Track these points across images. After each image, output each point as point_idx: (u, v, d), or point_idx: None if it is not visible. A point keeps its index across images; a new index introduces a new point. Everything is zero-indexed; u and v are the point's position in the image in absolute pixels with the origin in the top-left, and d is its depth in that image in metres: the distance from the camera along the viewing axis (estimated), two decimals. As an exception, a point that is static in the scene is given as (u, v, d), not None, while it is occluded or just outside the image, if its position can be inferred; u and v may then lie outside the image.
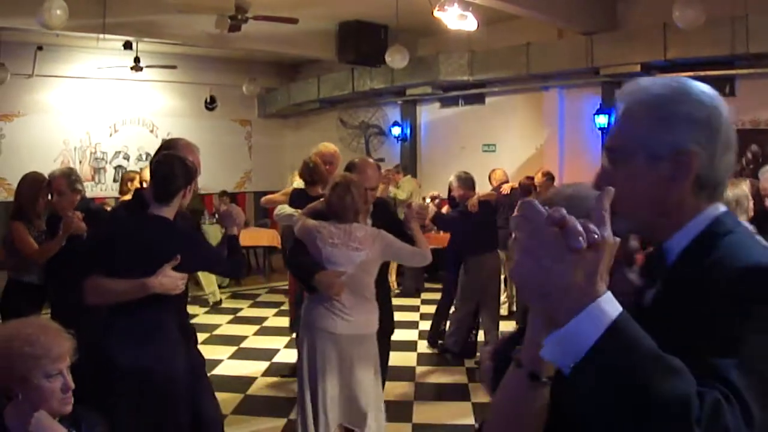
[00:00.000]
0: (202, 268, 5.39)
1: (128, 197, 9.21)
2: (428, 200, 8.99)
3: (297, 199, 7.00)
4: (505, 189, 9.98)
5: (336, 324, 5.07)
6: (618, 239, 1.24)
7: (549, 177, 10.49)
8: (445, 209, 9.22)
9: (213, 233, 11.57)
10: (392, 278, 13.90)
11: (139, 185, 9.48)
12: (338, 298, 5.04)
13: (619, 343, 1.18)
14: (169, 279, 4.17)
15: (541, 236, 1.21)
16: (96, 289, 4.17)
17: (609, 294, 1.21)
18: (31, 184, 6.38)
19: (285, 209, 6.87)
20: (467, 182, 8.84)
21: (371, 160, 6.24)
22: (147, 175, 9.51)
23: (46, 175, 6.38)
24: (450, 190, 9.00)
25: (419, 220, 5.62)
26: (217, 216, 4.75)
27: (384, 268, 5.83)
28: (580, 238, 1.17)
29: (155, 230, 4.23)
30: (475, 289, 8.65)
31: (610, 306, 1.20)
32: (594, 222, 1.22)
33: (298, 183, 7.68)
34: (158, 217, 4.24)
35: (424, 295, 12.83)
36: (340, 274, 5.05)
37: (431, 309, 9.92)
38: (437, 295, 9.87)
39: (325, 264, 5.09)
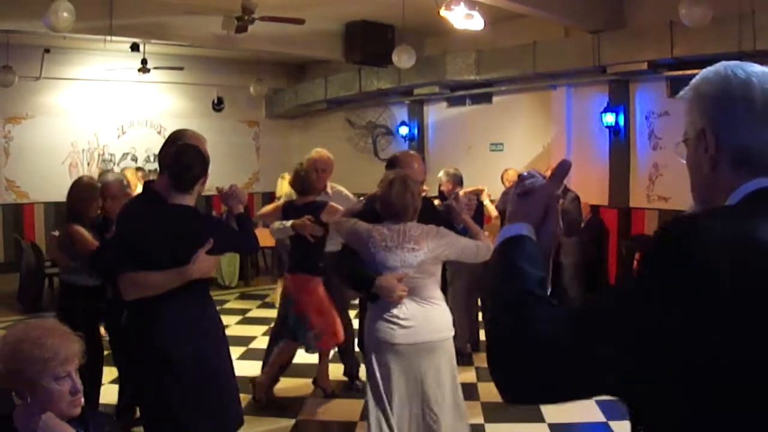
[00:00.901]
0: (230, 248, 5.27)
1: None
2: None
3: (288, 211, 6.97)
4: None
5: (395, 334, 4.71)
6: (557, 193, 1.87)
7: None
8: (436, 203, 9.23)
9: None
10: None
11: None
12: (398, 305, 4.70)
13: (507, 247, 1.76)
14: (206, 263, 4.25)
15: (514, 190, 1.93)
16: (133, 283, 4.21)
17: (524, 224, 1.79)
18: (86, 188, 6.46)
19: (275, 225, 7.02)
20: (455, 178, 9.02)
21: (414, 153, 5.97)
22: (128, 176, 9.78)
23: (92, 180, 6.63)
24: (440, 185, 9.10)
25: (469, 212, 5.26)
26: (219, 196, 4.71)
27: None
28: (518, 189, 1.88)
29: (183, 219, 4.29)
30: (464, 273, 8.65)
31: (519, 229, 1.78)
32: (548, 183, 1.88)
33: (288, 191, 7.60)
34: (182, 206, 4.30)
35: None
36: (400, 277, 4.69)
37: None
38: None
39: (380, 269, 4.74)
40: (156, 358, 4.18)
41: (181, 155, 4.29)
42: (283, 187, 11.91)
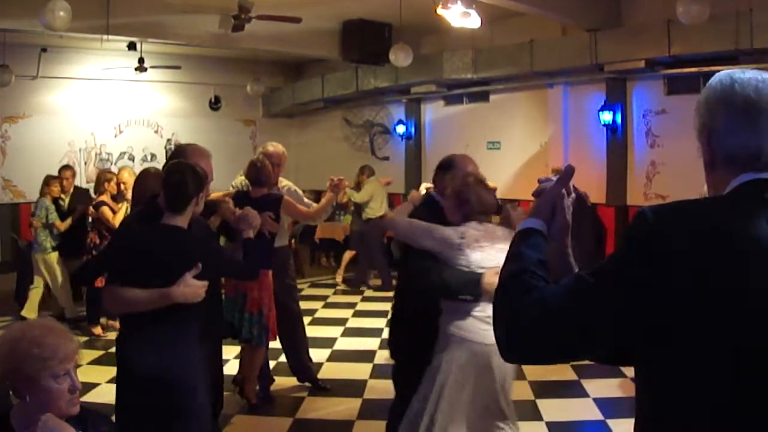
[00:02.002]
0: (221, 274, 4.96)
1: (104, 197, 9.54)
2: (423, 191, 8.92)
3: (239, 201, 6.40)
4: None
5: (488, 333, 4.03)
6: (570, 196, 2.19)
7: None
8: None
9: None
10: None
11: (115, 187, 9.67)
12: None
13: (517, 237, 2.08)
14: (191, 288, 4.09)
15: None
16: (114, 298, 4.17)
17: (536, 219, 2.10)
18: (156, 178, 6.36)
19: None
20: None
21: (466, 155, 5.83)
22: (124, 176, 9.72)
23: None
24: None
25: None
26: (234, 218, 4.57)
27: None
28: (534, 191, 2.21)
29: (171, 241, 4.16)
30: None
31: (530, 223, 2.09)
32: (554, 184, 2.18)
33: (242, 182, 7.47)
34: (172, 227, 4.18)
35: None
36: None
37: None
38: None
39: (474, 270, 4.48)
40: (122, 373, 4.19)
41: (172, 174, 4.21)
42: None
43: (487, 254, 4.49)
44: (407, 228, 4.79)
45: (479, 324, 4.46)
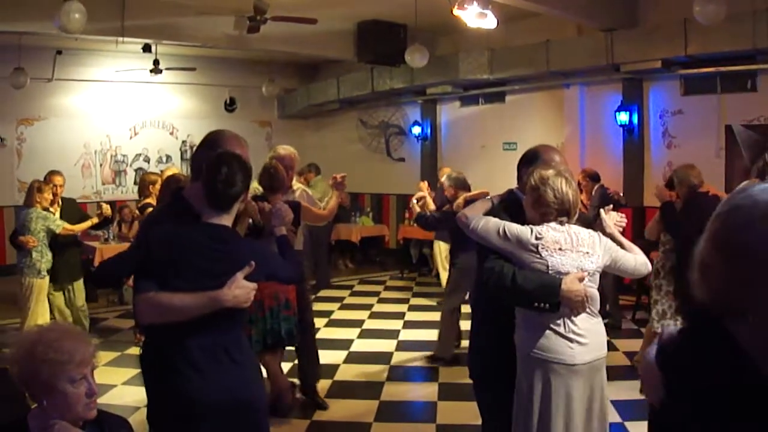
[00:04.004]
0: (270, 277, 4.10)
1: (150, 200, 9.15)
2: (414, 201, 8.87)
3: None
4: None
5: (574, 352, 3.98)
6: None
7: (591, 177, 10.42)
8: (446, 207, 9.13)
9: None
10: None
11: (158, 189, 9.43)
12: (574, 317, 4.00)
13: None
14: (242, 290, 3.56)
15: None
16: (153, 305, 3.52)
17: None
18: (177, 182, 6.27)
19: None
20: (458, 182, 8.83)
21: (552, 145, 5.03)
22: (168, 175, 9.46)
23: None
24: (443, 191, 9.02)
25: (618, 228, 4.51)
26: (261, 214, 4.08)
27: None
28: None
29: (218, 241, 3.64)
30: (464, 286, 8.41)
31: None
32: None
33: (255, 188, 7.18)
34: (220, 226, 3.66)
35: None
36: (581, 276, 4.00)
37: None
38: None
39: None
40: (164, 398, 3.65)
41: (221, 167, 3.62)
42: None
43: (568, 258, 4.02)
44: (481, 225, 4.22)
45: (564, 342, 4.00)
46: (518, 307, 4.14)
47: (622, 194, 10.82)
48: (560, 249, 4.01)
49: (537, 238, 4.02)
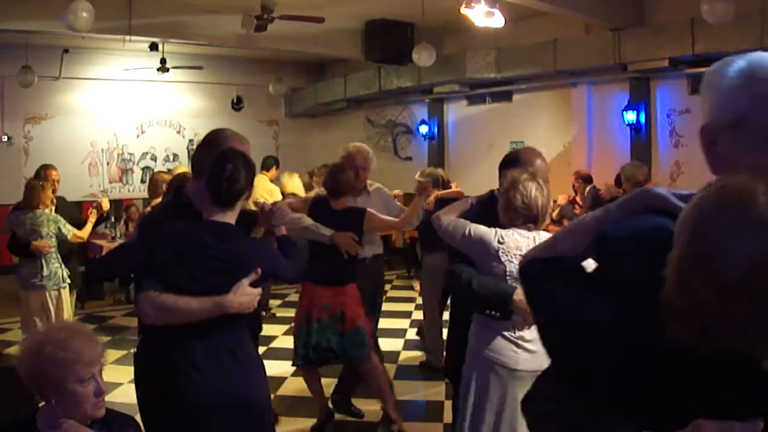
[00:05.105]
0: (274, 276, 4.01)
1: (159, 200, 9.00)
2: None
3: (318, 210, 6.02)
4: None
5: (519, 358, 3.95)
6: None
7: (584, 179, 10.42)
8: None
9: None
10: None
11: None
12: (529, 327, 3.87)
13: None
14: (247, 297, 3.53)
15: None
16: (158, 306, 3.46)
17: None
18: (183, 180, 5.96)
19: (305, 220, 5.88)
20: (431, 177, 8.46)
21: (535, 148, 4.86)
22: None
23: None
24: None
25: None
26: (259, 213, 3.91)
27: None
28: None
29: (225, 242, 3.58)
30: (435, 288, 8.15)
31: None
32: None
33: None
34: (223, 224, 3.61)
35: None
36: None
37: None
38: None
39: (509, 282, 3.93)
40: (165, 396, 3.56)
41: (225, 163, 3.59)
42: (290, 185, 11.81)
43: None
44: (452, 227, 4.16)
45: (510, 346, 3.97)
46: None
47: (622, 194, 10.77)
48: (521, 255, 3.63)
49: (499, 243, 3.97)
